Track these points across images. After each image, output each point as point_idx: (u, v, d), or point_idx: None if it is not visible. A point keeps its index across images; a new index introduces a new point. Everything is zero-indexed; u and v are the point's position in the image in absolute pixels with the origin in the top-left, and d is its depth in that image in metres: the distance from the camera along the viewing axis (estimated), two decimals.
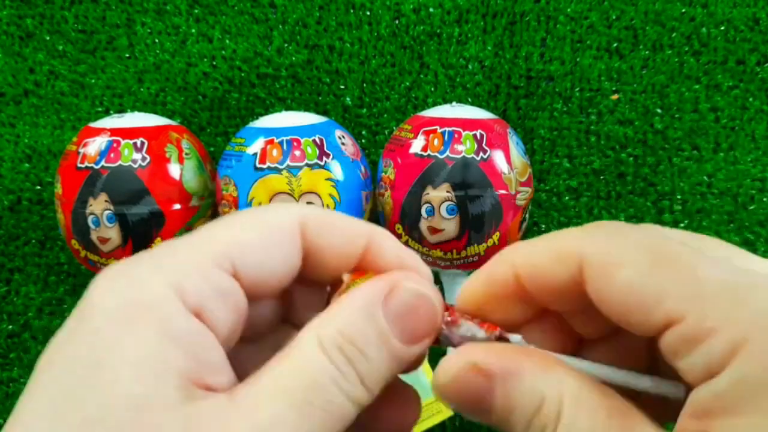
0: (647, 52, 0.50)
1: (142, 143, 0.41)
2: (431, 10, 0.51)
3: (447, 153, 0.40)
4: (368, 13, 0.51)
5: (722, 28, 0.50)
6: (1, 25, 0.52)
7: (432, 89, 0.51)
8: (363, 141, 0.51)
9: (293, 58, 0.51)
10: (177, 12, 0.52)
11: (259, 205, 0.40)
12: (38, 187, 0.50)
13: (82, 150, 0.41)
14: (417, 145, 0.41)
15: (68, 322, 0.16)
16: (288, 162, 0.40)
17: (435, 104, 0.50)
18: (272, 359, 0.16)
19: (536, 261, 0.17)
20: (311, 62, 0.51)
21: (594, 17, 0.50)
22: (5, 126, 0.51)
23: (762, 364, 0.13)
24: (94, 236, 0.40)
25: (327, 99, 0.51)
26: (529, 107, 0.50)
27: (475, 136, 0.41)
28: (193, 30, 0.52)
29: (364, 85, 0.51)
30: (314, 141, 0.41)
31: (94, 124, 0.43)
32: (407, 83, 0.51)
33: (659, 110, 0.50)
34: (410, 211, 0.41)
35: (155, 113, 0.45)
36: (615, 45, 0.50)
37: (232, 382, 0.16)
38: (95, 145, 0.41)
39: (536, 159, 0.50)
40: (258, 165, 0.40)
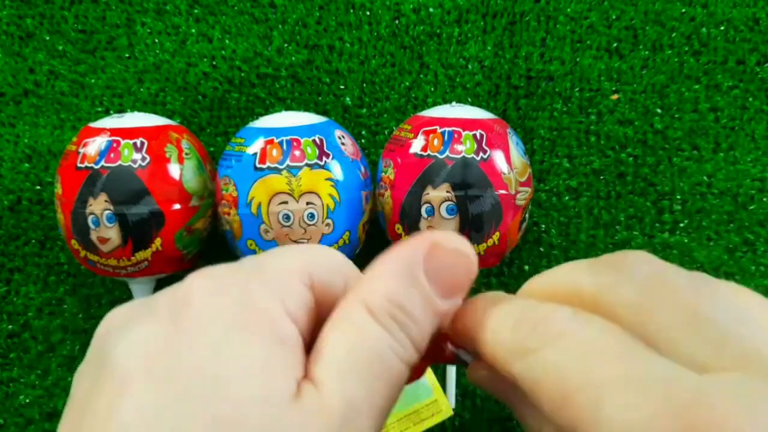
0: (647, 52, 0.50)
1: (142, 143, 0.41)
2: (431, 10, 0.51)
3: (447, 153, 0.40)
4: (368, 13, 0.51)
5: (722, 28, 0.50)
6: (1, 25, 0.52)
7: (432, 89, 0.51)
8: (363, 141, 0.51)
9: (293, 58, 0.51)
10: (177, 12, 0.52)
11: (259, 205, 0.40)
12: (38, 187, 0.50)
13: (82, 150, 0.41)
14: (417, 145, 0.41)
15: (159, 321, 0.16)
16: (288, 162, 0.40)
17: (435, 104, 0.50)
18: (324, 332, 0.17)
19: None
20: (311, 62, 0.51)
21: (594, 17, 0.50)
22: (5, 126, 0.51)
23: None
24: (94, 236, 0.40)
25: (327, 99, 0.51)
26: (529, 107, 0.50)
27: (475, 136, 0.41)
28: (193, 30, 0.52)
29: (364, 85, 0.51)
30: (314, 141, 0.41)
31: (94, 124, 0.43)
32: (407, 83, 0.51)
33: (659, 110, 0.50)
34: (410, 211, 0.41)
35: (155, 113, 0.45)
36: (615, 45, 0.50)
37: None
38: (95, 145, 0.41)
39: (536, 159, 0.50)
40: (258, 165, 0.40)
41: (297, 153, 0.40)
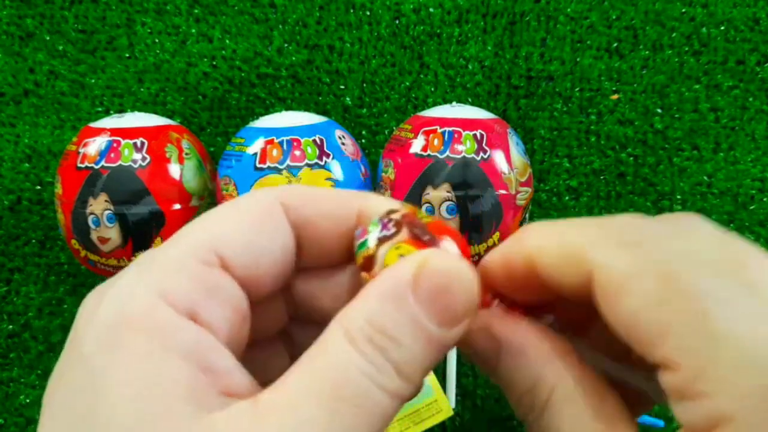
0: (647, 52, 0.50)
1: (142, 143, 0.41)
2: (431, 10, 0.51)
3: (447, 153, 0.40)
4: (368, 13, 0.51)
5: (722, 28, 0.50)
6: (1, 25, 0.52)
7: (432, 89, 0.51)
8: (363, 141, 0.51)
9: (293, 58, 0.51)
10: (177, 12, 0.52)
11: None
12: (38, 187, 0.50)
13: (82, 150, 0.41)
14: (417, 145, 0.41)
15: (63, 352, 0.15)
16: (288, 162, 0.40)
17: (435, 104, 0.50)
18: (299, 359, 0.15)
19: (547, 260, 0.17)
20: (311, 62, 0.51)
21: (594, 17, 0.50)
22: (5, 126, 0.51)
23: None
24: (94, 236, 0.40)
25: (327, 99, 0.51)
26: (529, 107, 0.50)
27: (475, 136, 0.41)
28: (193, 30, 0.52)
29: (364, 85, 0.51)
30: (314, 141, 0.41)
31: (94, 124, 0.43)
32: (407, 83, 0.51)
33: (659, 110, 0.50)
34: None
35: (155, 113, 0.45)
36: (615, 45, 0.50)
37: (253, 387, 0.15)
38: (95, 145, 0.41)
39: (536, 159, 0.50)
40: (258, 165, 0.40)
41: (297, 153, 0.40)
